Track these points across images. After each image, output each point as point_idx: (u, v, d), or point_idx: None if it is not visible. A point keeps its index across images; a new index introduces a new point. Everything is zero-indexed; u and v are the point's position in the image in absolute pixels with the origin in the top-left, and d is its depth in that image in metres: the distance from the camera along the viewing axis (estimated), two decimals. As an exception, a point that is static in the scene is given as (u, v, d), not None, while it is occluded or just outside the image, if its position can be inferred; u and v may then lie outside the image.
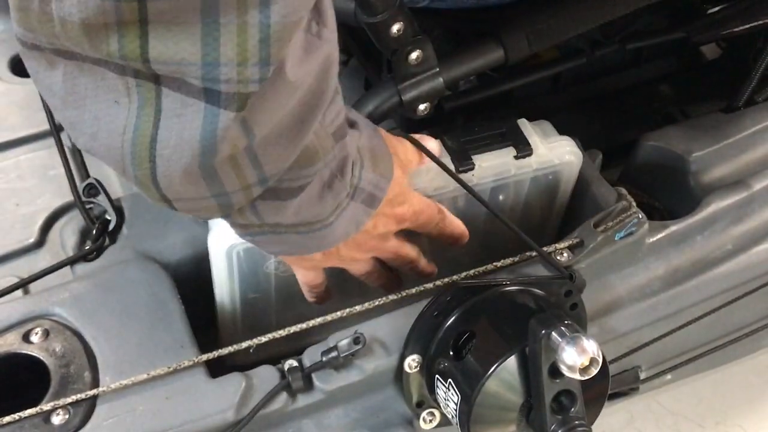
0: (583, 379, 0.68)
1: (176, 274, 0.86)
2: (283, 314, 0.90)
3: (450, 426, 0.80)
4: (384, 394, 0.81)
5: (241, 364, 0.80)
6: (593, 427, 0.75)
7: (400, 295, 0.82)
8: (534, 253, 0.83)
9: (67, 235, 0.92)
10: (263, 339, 0.79)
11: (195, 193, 0.56)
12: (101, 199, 0.91)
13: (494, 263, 0.83)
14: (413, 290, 0.81)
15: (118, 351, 0.77)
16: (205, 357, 0.76)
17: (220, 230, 0.81)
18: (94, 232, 0.89)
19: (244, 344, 0.80)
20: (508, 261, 0.83)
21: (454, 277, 0.80)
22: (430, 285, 0.81)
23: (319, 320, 0.79)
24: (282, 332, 0.78)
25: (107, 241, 0.89)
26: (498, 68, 0.91)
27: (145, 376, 0.74)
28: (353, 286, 0.88)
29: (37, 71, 0.53)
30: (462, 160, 0.84)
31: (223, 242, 0.81)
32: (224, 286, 0.85)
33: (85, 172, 0.96)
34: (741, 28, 1.06)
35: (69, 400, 0.73)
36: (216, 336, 0.90)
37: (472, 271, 0.82)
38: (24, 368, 0.76)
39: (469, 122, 1.03)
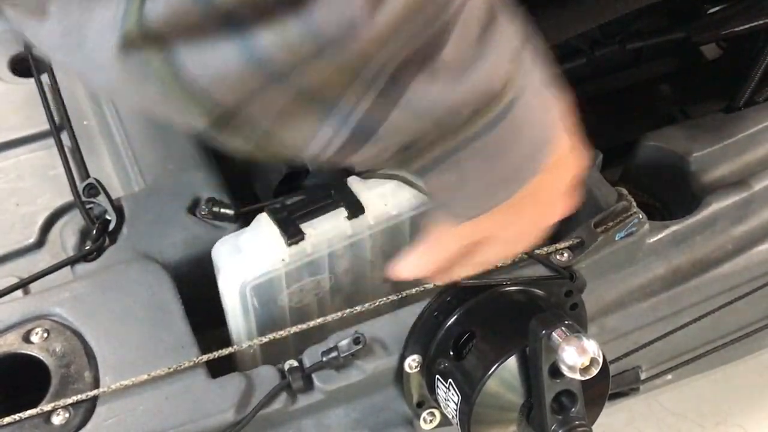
0: (583, 379, 0.68)
1: (176, 274, 0.85)
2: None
3: (450, 426, 0.80)
4: (384, 394, 0.81)
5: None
6: (594, 427, 0.75)
7: (400, 295, 0.81)
8: (534, 252, 0.83)
9: (67, 235, 0.92)
10: (264, 339, 0.79)
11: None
12: (101, 199, 0.91)
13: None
14: (413, 290, 0.81)
15: (118, 351, 0.77)
16: (205, 357, 0.76)
17: (230, 269, 0.81)
18: (95, 232, 0.89)
19: (245, 344, 0.80)
20: (509, 261, 0.83)
21: (455, 277, 0.80)
22: (430, 285, 0.81)
23: (319, 321, 0.79)
24: (283, 333, 0.78)
25: (107, 241, 0.89)
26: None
27: (145, 376, 0.74)
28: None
29: None
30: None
31: (234, 281, 0.80)
32: (240, 325, 0.84)
33: (85, 172, 0.96)
34: (741, 28, 1.06)
35: (69, 400, 0.72)
36: (217, 337, 0.90)
37: (472, 271, 0.82)
38: (24, 368, 0.76)
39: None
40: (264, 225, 0.82)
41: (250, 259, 0.80)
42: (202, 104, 0.43)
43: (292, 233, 0.80)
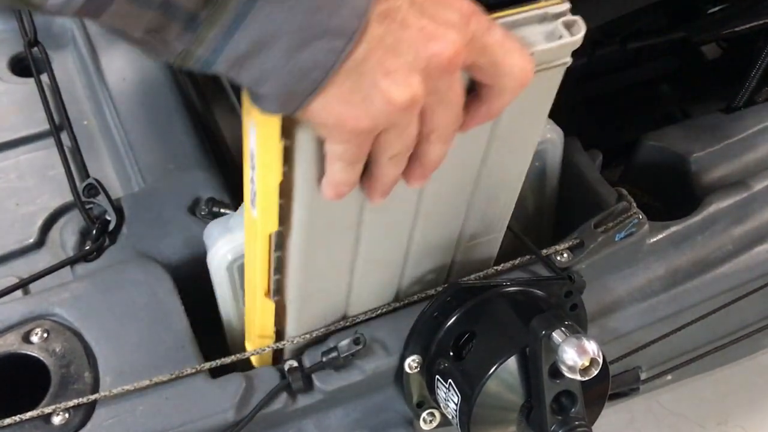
0: (583, 379, 0.68)
1: (176, 274, 0.85)
2: None
3: (450, 426, 0.80)
4: (384, 394, 0.81)
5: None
6: (594, 427, 0.75)
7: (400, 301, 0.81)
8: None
9: (67, 235, 0.92)
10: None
11: None
12: (101, 199, 0.91)
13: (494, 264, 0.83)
14: (413, 293, 0.81)
15: (118, 351, 0.77)
16: (207, 365, 0.76)
17: (218, 248, 0.80)
18: (94, 232, 0.89)
19: (247, 354, 0.80)
20: (509, 262, 0.83)
21: (455, 278, 0.80)
22: (431, 291, 0.81)
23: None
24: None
25: (107, 241, 0.89)
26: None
27: (147, 382, 0.74)
28: None
29: None
30: None
31: (222, 259, 0.80)
32: (228, 303, 0.84)
33: (84, 172, 0.95)
34: (741, 27, 1.06)
35: (70, 403, 0.72)
36: (218, 338, 0.90)
37: (472, 272, 0.82)
38: (24, 369, 0.76)
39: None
40: None
41: (239, 237, 0.79)
42: None
43: None
